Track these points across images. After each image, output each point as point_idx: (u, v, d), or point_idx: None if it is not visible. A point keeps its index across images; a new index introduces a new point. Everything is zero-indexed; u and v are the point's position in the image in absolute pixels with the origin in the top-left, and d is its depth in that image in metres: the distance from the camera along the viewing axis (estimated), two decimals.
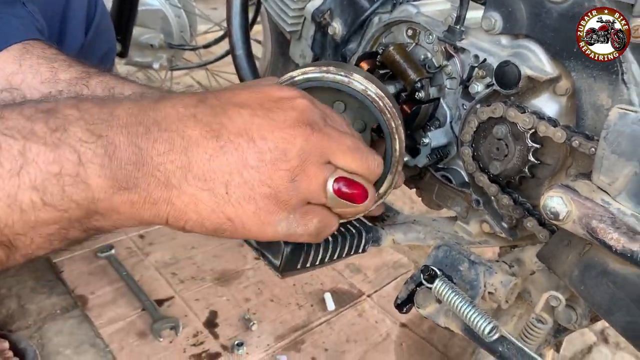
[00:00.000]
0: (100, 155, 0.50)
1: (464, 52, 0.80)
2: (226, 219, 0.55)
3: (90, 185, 0.50)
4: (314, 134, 0.57)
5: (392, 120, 0.67)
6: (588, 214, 0.61)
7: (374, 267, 1.61)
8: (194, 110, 0.55)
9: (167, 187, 0.53)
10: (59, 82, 0.72)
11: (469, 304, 0.69)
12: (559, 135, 0.68)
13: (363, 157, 0.61)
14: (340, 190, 0.59)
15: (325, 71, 0.66)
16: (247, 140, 0.54)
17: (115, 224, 0.54)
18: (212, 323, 1.36)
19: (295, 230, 0.59)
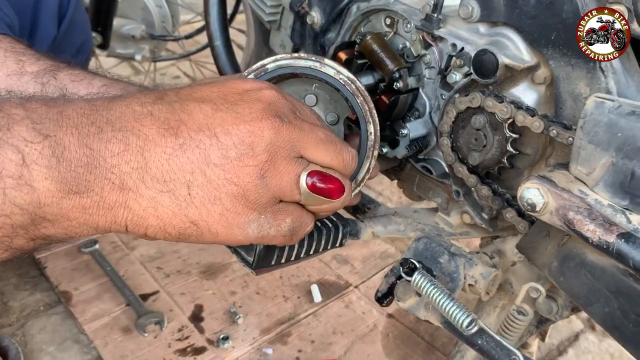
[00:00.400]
0: (47, 156, 0.46)
1: (442, 40, 0.78)
2: (190, 223, 0.52)
3: (35, 188, 0.46)
4: (283, 125, 0.53)
5: (365, 104, 0.65)
6: (565, 205, 0.60)
7: (361, 258, 1.60)
8: (150, 107, 0.51)
9: (122, 191, 0.49)
10: (25, 74, 0.70)
11: (447, 297, 0.68)
12: (537, 125, 0.67)
13: (337, 149, 0.57)
14: (314, 185, 0.55)
15: (296, 57, 0.65)
16: (209, 136, 0.51)
17: (67, 232, 0.50)
18: (198, 317, 1.35)
19: (268, 232, 0.55)
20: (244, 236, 0.54)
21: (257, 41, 1.67)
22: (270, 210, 0.55)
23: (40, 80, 0.69)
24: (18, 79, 0.69)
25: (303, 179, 0.55)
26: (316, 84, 0.70)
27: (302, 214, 0.58)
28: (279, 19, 1.05)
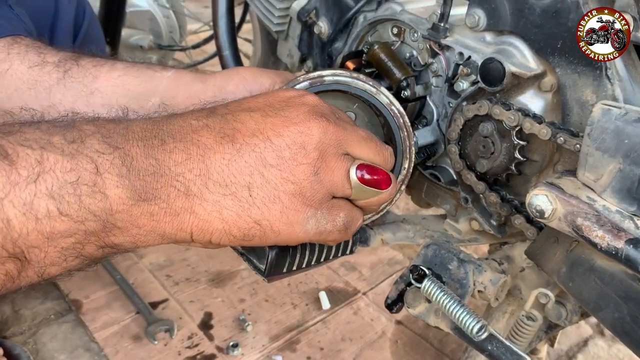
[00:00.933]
0: (118, 165, 0.49)
1: (449, 49, 0.79)
2: (254, 223, 0.54)
3: (108, 195, 0.48)
4: (329, 125, 0.56)
5: (407, 139, 0.67)
6: (573, 211, 0.61)
7: (369, 265, 1.61)
8: (205, 120, 0.54)
9: (187, 197, 0.51)
10: (47, 64, 0.71)
11: (457, 303, 0.68)
12: (544, 132, 0.68)
13: (378, 146, 0.60)
14: (363, 177, 0.58)
15: (355, 77, 0.65)
16: (263, 140, 0.54)
17: (135, 241, 0.51)
18: (207, 325, 1.35)
19: (325, 227, 0.57)
20: (304, 232, 0.56)
21: (263, 50, 1.69)
22: (326, 206, 0.57)
23: (62, 67, 0.71)
24: (40, 69, 0.70)
25: (353, 172, 0.57)
26: (358, 103, 0.71)
27: (353, 208, 0.60)
28: (286, 28, 1.07)
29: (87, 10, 1.07)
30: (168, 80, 0.71)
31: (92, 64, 0.72)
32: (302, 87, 0.64)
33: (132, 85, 0.70)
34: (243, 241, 0.56)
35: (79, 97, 0.70)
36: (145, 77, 0.71)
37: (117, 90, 0.70)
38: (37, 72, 0.70)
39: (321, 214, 0.57)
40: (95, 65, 0.71)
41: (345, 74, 0.65)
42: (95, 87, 0.70)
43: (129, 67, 0.72)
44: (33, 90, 0.70)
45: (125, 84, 0.70)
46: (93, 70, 0.71)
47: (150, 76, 0.71)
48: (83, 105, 0.70)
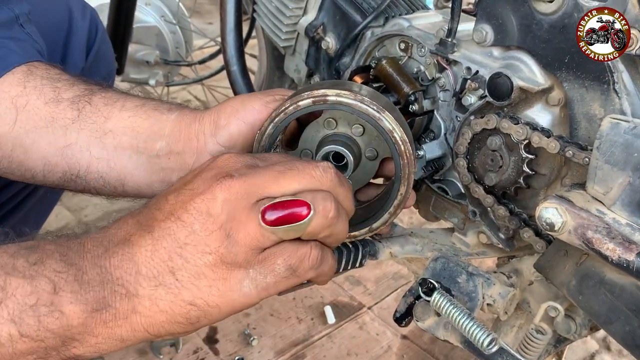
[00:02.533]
0: (71, 282, 0.52)
1: (456, 64, 0.80)
2: (189, 305, 0.54)
3: (64, 312, 0.51)
4: (233, 180, 0.54)
5: (407, 167, 0.65)
6: (583, 224, 0.61)
7: (374, 279, 1.61)
8: (137, 217, 0.57)
9: (129, 298, 0.53)
10: (62, 102, 0.72)
11: (467, 316, 0.68)
12: (553, 145, 0.68)
13: (300, 172, 0.56)
14: (271, 220, 0.53)
15: (359, 100, 0.64)
16: (174, 220, 0.54)
17: (96, 349, 0.54)
18: (212, 339, 1.35)
19: (265, 281, 0.55)
20: (245, 297, 0.55)
21: (269, 66, 1.70)
22: (255, 261, 0.54)
23: (76, 106, 0.72)
24: (56, 107, 0.72)
25: (258, 219, 0.53)
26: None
27: (295, 247, 0.56)
28: (294, 44, 1.08)
29: (99, 27, 1.08)
30: (172, 123, 0.72)
31: (104, 102, 0.73)
32: (305, 104, 0.64)
33: (141, 128, 0.72)
34: (192, 325, 0.56)
35: (93, 138, 0.72)
36: (153, 120, 0.72)
37: (127, 132, 0.72)
38: (52, 108, 0.72)
39: (254, 272, 0.55)
40: (106, 104, 0.73)
41: (349, 95, 0.64)
42: (108, 128, 0.72)
43: (139, 108, 0.73)
44: (50, 128, 0.72)
45: (134, 126, 0.72)
46: (105, 111, 0.73)
47: (157, 119, 0.73)
48: (97, 147, 0.72)
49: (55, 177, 0.74)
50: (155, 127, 0.72)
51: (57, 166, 0.73)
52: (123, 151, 0.72)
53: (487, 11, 0.75)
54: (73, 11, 1.02)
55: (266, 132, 0.65)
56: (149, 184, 0.72)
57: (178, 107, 0.74)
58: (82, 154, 0.72)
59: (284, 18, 1.05)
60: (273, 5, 1.06)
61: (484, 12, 0.76)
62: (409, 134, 0.66)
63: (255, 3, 1.15)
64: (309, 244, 0.57)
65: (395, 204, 0.67)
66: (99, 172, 0.73)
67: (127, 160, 0.72)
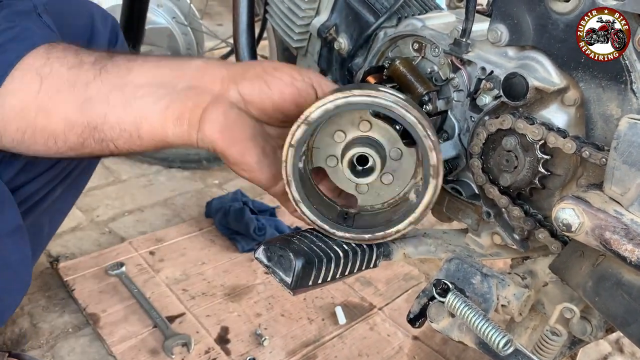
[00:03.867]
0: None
1: (471, 64, 0.80)
2: None
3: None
4: None
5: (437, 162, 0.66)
6: (601, 225, 0.61)
7: (385, 280, 1.60)
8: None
9: None
10: (85, 64, 0.74)
11: (482, 317, 0.68)
12: (569, 146, 0.68)
13: None
14: None
15: (404, 107, 0.64)
16: None
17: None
18: (224, 339, 1.35)
19: None
20: None
21: None
22: None
23: (98, 65, 0.74)
24: (79, 69, 0.74)
25: None
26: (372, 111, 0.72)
27: None
28: (306, 45, 1.08)
29: (119, 37, 1.10)
30: (197, 64, 0.76)
31: (126, 58, 0.76)
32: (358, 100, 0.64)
33: (163, 73, 0.75)
34: None
35: (113, 89, 0.74)
36: (175, 66, 0.76)
37: (149, 78, 0.74)
38: (76, 71, 0.74)
39: None
40: (128, 60, 0.76)
41: (386, 95, 0.64)
42: (130, 79, 0.74)
43: (159, 60, 0.77)
44: (73, 88, 0.74)
45: (156, 72, 0.75)
46: (126, 65, 0.75)
47: (179, 64, 0.76)
48: (116, 96, 0.74)
49: (74, 135, 0.75)
50: (178, 72, 0.75)
51: (76, 123, 0.74)
52: (142, 96, 0.74)
53: (502, 11, 0.75)
54: (95, 19, 1.04)
55: (306, 119, 0.65)
56: (163, 123, 0.73)
57: (201, 57, 0.77)
58: (101, 105, 0.74)
59: (297, 19, 1.05)
60: (285, 6, 1.07)
61: (499, 12, 0.75)
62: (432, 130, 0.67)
63: (267, 4, 1.15)
64: None
65: (419, 209, 0.68)
66: (116, 118, 0.73)
67: (143, 103, 0.73)
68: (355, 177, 0.70)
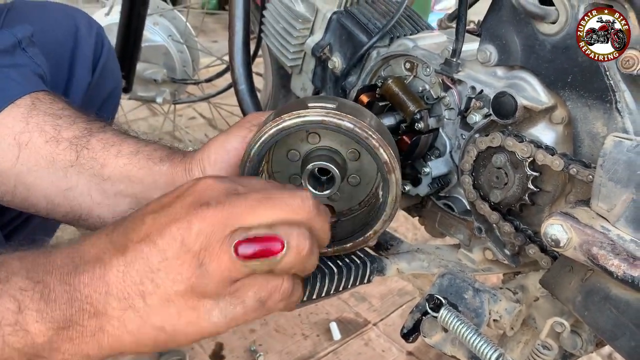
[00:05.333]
0: (37, 300, 0.52)
1: (461, 83, 0.82)
2: (157, 330, 0.54)
3: (29, 331, 0.52)
4: (210, 210, 0.54)
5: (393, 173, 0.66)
6: (588, 240, 0.62)
7: (379, 295, 1.61)
8: (111, 235, 0.56)
9: (97, 317, 0.53)
10: (62, 142, 0.74)
11: (474, 332, 0.69)
12: (557, 163, 0.70)
13: (278, 201, 0.56)
14: (244, 254, 0.53)
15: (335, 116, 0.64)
16: (148, 244, 0.54)
17: None
18: (219, 355, 1.35)
19: (234, 312, 0.55)
20: (213, 326, 0.55)
21: (274, 84, 1.73)
22: (226, 292, 0.55)
23: (74, 148, 0.74)
24: (56, 146, 0.74)
25: (231, 254, 0.53)
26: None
27: (266, 280, 0.56)
28: (300, 63, 1.10)
29: (105, 44, 1.10)
30: (165, 177, 0.74)
31: (101, 145, 0.75)
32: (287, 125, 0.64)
33: (136, 178, 0.74)
34: (158, 347, 0.56)
35: (92, 183, 0.74)
36: (146, 170, 0.74)
37: (124, 180, 0.74)
38: (53, 148, 0.74)
39: (224, 302, 0.55)
40: (103, 148, 0.75)
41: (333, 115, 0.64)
42: (106, 174, 0.74)
43: (133, 156, 0.75)
44: (51, 169, 0.74)
45: (130, 175, 0.74)
46: (101, 156, 0.74)
47: (150, 169, 0.74)
48: (97, 193, 0.74)
49: (58, 215, 0.76)
50: (149, 179, 0.74)
51: (59, 206, 0.75)
52: (123, 199, 0.74)
53: (491, 32, 0.77)
54: (79, 26, 1.04)
55: (249, 157, 0.65)
56: None
57: (169, 157, 0.75)
58: (84, 198, 0.74)
59: (291, 38, 1.07)
60: (280, 26, 1.09)
61: (488, 33, 0.78)
62: (390, 140, 0.67)
63: (262, 23, 1.17)
64: (278, 277, 0.57)
65: (388, 207, 0.68)
66: (100, 216, 0.75)
67: (128, 207, 0.74)
68: (321, 189, 0.70)
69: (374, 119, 0.68)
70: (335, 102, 0.65)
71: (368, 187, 0.75)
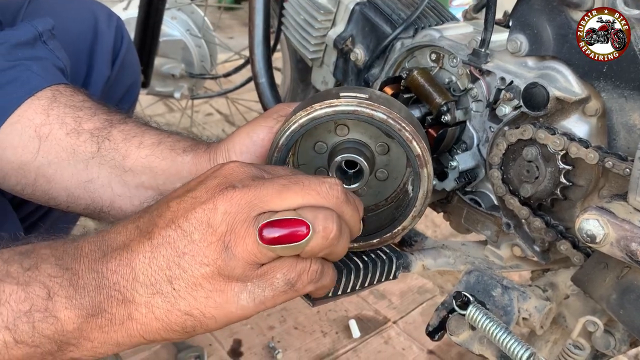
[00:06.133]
0: (66, 287, 0.52)
1: (490, 74, 0.79)
2: (185, 315, 0.53)
3: (59, 318, 0.51)
4: (236, 191, 0.53)
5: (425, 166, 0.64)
6: (626, 236, 0.60)
7: (399, 293, 1.59)
8: (137, 222, 0.56)
9: (125, 304, 0.53)
10: (83, 133, 0.73)
11: (504, 330, 0.67)
12: (592, 156, 0.67)
13: (305, 187, 0.54)
14: (269, 238, 0.51)
15: (368, 107, 0.62)
16: (175, 229, 0.53)
17: (92, 353, 0.54)
18: (237, 352, 1.34)
19: (263, 295, 0.54)
20: (242, 309, 0.54)
21: (293, 78, 1.71)
22: (254, 275, 0.54)
23: (96, 140, 0.73)
24: (77, 138, 0.73)
25: (256, 237, 0.52)
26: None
27: (294, 263, 0.54)
28: (321, 56, 1.08)
29: (125, 37, 1.09)
30: (189, 166, 0.73)
31: (122, 136, 0.74)
32: (319, 114, 0.62)
33: (159, 169, 0.73)
34: (187, 334, 0.55)
35: (113, 175, 0.73)
36: (169, 162, 0.73)
37: (146, 171, 0.73)
38: (74, 140, 0.73)
39: (252, 285, 0.54)
40: (124, 139, 0.74)
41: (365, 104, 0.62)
42: (128, 166, 0.73)
43: (155, 146, 0.74)
44: (72, 161, 0.73)
45: (152, 166, 0.73)
46: (123, 147, 0.73)
47: (174, 160, 0.73)
48: (119, 185, 0.73)
49: (79, 208, 0.75)
50: (172, 170, 0.73)
51: (80, 198, 0.74)
52: (145, 190, 0.73)
53: (521, 21, 0.75)
54: (99, 20, 1.04)
55: (277, 146, 0.64)
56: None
57: (192, 148, 0.74)
58: (105, 190, 0.73)
59: (313, 30, 1.05)
60: (301, 18, 1.07)
61: (519, 22, 0.75)
62: (422, 133, 0.65)
63: (282, 15, 1.15)
64: (303, 260, 0.55)
65: (418, 202, 0.65)
66: (121, 208, 0.74)
67: (151, 199, 0.72)
68: (348, 182, 0.68)
69: (406, 111, 0.66)
70: (367, 93, 0.63)
71: (396, 182, 0.73)
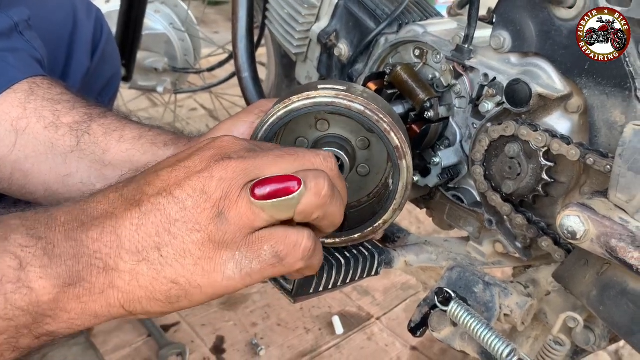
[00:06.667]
0: (40, 256, 0.50)
1: (473, 71, 0.79)
2: (171, 283, 0.52)
3: (33, 288, 0.49)
4: (232, 161, 0.53)
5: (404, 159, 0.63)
6: (606, 232, 0.60)
7: (383, 289, 1.59)
8: (121, 191, 0.55)
9: (106, 272, 0.51)
10: (61, 127, 0.72)
11: (486, 326, 0.67)
12: (573, 153, 0.67)
13: (300, 157, 0.55)
14: (261, 194, 0.51)
15: (346, 98, 0.61)
16: (166, 196, 0.52)
17: (69, 325, 0.52)
18: (220, 349, 1.34)
19: (250, 266, 0.52)
20: (227, 279, 0.53)
21: (277, 73, 1.70)
22: (243, 243, 0.53)
23: (75, 134, 0.72)
24: (55, 132, 0.72)
25: (247, 193, 0.52)
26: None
27: (285, 234, 0.54)
28: (305, 51, 1.07)
29: (104, 28, 1.08)
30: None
31: (102, 130, 0.73)
32: (298, 106, 0.61)
33: (140, 163, 0.71)
34: (170, 305, 0.53)
35: (93, 169, 0.72)
36: (150, 155, 0.72)
37: (127, 165, 0.72)
38: (52, 133, 0.72)
39: (240, 255, 0.52)
40: (104, 134, 0.72)
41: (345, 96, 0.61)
42: (108, 160, 0.72)
43: (136, 140, 0.73)
44: (50, 155, 0.72)
45: (132, 160, 0.72)
46: (103, 141, 0.72)
47: (154, 154, 0.72)
48: (98, 179, 0.72)
49: (57, 202, 0.73)
50: (153, 164, 0.71)
51: (58, 193, 0.73)
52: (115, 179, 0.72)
53: (505, 17, 0.75)
54: (78, 10, 1.02)
55: (256, 139, 0.63)
56: None
57: (173, 141, 0.73)
58: (84, 184, 0.72)
59: (296, 25, 1.04)
60: (285, 12, 1.06)
61: (502, 18, 0.75)
62: (401, 125, 0.64)
63: (266, 10, 1.14)
64: (302, 233, 0.54)
65: (398, 195, 0.65)
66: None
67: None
68: None
69: (384, 103, 0.66)
70: (345, 85, 0.63)
71: (377, 177, 0.73)
